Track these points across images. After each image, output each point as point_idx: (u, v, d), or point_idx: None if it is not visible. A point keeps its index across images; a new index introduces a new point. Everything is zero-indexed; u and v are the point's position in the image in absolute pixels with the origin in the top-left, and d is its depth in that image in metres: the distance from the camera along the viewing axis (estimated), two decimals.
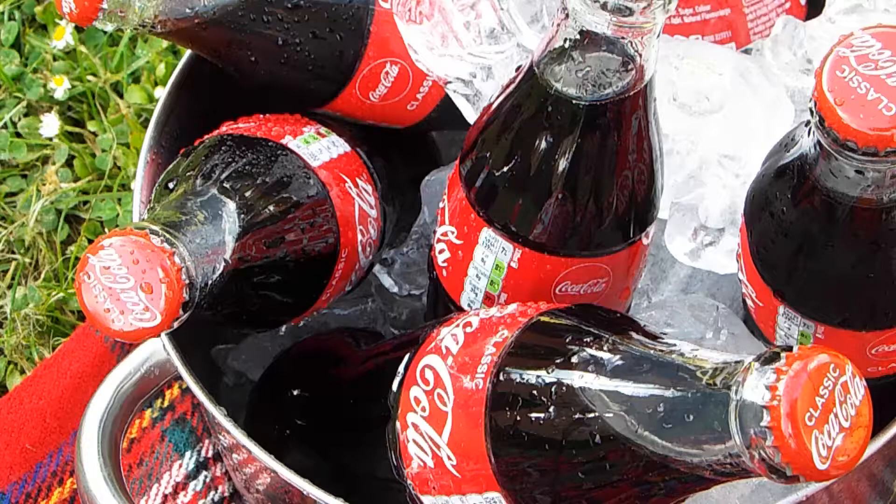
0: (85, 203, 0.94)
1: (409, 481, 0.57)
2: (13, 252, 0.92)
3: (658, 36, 0.55)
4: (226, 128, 0.69)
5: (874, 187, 0.54)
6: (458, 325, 0.57)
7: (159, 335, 0.57)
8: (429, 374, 0.56)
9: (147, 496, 0.78)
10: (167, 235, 0.55)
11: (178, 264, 0.55)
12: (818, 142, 0.53)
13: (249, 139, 0.66)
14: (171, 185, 0.63)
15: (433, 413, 0.55)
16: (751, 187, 0.61)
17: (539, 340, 0.53)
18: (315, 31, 0.67)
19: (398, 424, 0.57)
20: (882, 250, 0.56)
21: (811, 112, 0.52)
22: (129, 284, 0.54)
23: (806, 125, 0.55)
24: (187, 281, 0.55)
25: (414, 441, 0.55)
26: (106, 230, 0.92)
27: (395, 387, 0.58)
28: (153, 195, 0.64)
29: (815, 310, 0.59)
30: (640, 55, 0.55)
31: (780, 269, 0.59)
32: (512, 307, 0.57)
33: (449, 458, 0.53)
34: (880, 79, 0.51)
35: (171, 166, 0.65)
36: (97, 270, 0.55)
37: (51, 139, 0.96)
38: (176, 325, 0.55)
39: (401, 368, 0.59)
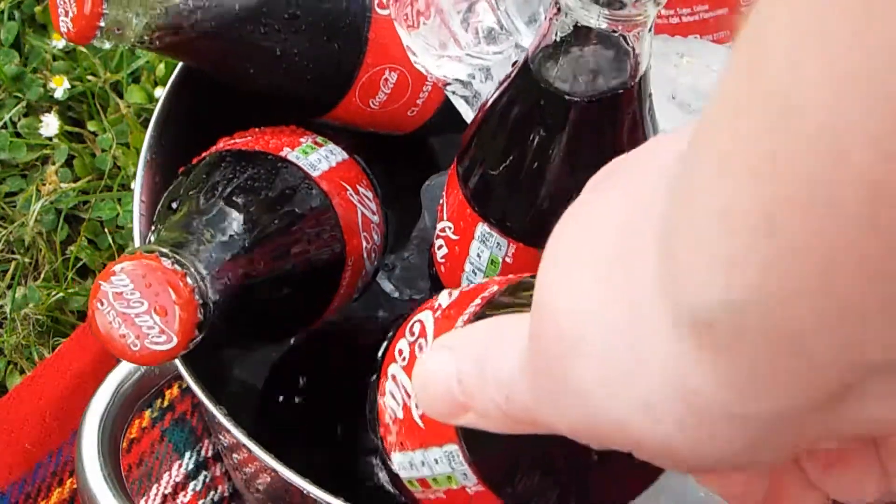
0: (85, 203, 0.94)
1: (380, 439, 0.56)
2: (13, 252, 0.92)
3: (650, 29, 0.55)
4: (223, 143, 0.69)
5: None
6: (457, 288, 0.57)
7: (177, 357, 0.57)
8: (416, 327, 0.55)
9: (147, 496, 0.79)
10: (177, 256, 0.55)
11: (191, 284, 0.55)
12: None
13: (249, 154, 0.66)
14: (174, 206, 0.63)
15: (410, 362, 0.54)
16: None
17: (524, 292, 0.53)
18: (313, 40, 0.68)
19: (380, 380, 0.56)
20: None
21: None
22: (143, 308, 0.55)
23: None
24: (200, 301, 0.55)
25: (390, 392, 0.54)
26: (106, 230, 0.92)
27: (385, 344, 0.58)
28: (156, 216, 0.64)
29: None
30: (634, 49, 0.56)
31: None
32: (512, 275, 0.57)
33: (417, 407, 0.53)
34: None
35: (171, 186, 0.66)
36: (110, 297, 0.55)
37: (50, 139, 0.96)
38: (192, 346, 0.56)
39: (392, 331, 0.58)
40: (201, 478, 0.79)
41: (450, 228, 0.64)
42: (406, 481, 0.53)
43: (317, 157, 0.69)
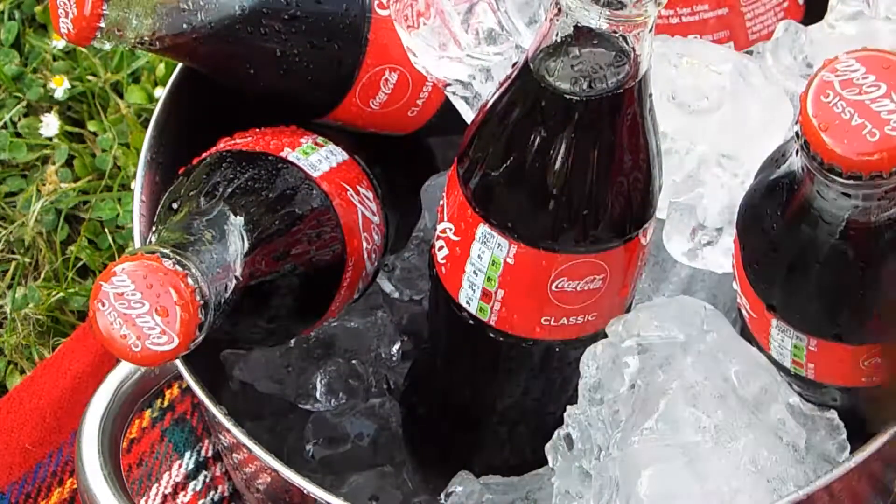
0: (85, 203, 0.94)
1: None
2: (13, 252, 0.92)
3: (651, 30, 0.55)
4: (223, 144, 0.69)
5: (861, 209, 0.54)
6: None
7: (177, 358, 0.57)
8: None
9: (147, 496, 0.79)
10: (178, 257, 0.55)
11: (192, 285, 0.55)
12: (805, 165, 0.53)
13: (249, 154, 0.66)
14: (174, 206, 0.63)
15: None
16: (742, 201, 0.61)
17: None
18: (313, 41, 0.67)
19: None
20: (871, 269, 0.56)
21: (797, 136, 0.52)
22: (144, 309, 0.55)
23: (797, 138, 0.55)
24: (201, 301, 0.55)
25: None
26: (106, 230, 0.92)
27: None
28: (156, 217, 0.64)
29: (806, 324, 0.60)
30: (634, 49, 0.56)
31: (772, 285, 0.59)
32: None
33: None
34: (864, 104, 0.51)
35: (172, 187, 0.66)
36: (111, 297, 0.55)
37: (51, 139, 0.96)
38: (192, 346, 0.56)
39: None
40: (201, 478, 0.79)
41: (450, 229, 0.64)
42: None
43: (317, 158, 0.68)
